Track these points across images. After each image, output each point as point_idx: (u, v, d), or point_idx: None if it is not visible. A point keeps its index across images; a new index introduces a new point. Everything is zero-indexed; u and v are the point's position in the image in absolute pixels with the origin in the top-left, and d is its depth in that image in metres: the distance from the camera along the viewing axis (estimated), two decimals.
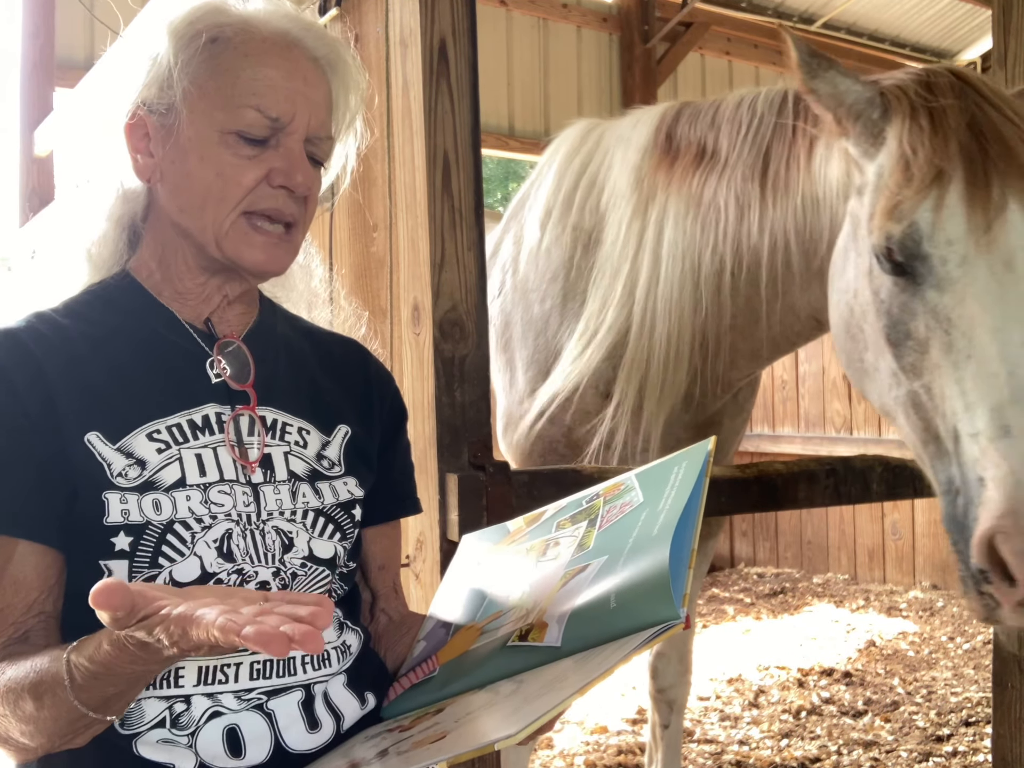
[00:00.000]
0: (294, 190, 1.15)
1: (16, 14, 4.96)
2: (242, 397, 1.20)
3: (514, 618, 1.08)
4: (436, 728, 0.97)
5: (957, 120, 1.51)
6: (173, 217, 1.17)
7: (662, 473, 1.12)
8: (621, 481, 1.18)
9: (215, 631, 0.82)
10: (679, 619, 0.92)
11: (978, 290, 1.44)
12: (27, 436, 1.06)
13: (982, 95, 1.54)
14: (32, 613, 1.07)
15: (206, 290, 1.21)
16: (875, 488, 1.84)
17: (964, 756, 3.56)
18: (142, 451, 1.11)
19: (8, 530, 1.06)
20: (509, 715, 0.90)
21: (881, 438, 6.26)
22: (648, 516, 1.05)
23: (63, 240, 1.25)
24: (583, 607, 1.00)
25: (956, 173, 1.48)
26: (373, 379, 1.36)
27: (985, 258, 1.45)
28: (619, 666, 0.90)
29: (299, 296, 1.38)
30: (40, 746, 1.01)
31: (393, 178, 1.78)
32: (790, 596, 6.23)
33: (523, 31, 7.67)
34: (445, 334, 1.64)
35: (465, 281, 1.66)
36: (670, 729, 2.85)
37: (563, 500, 1.24)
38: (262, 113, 1.12)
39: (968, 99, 1.53)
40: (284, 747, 1.10)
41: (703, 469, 1.06)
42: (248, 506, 1.15)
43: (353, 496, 1.25)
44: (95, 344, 1.14)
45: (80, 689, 0.95)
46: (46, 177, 4.88)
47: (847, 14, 8.61)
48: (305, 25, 1.19)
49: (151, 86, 1.15)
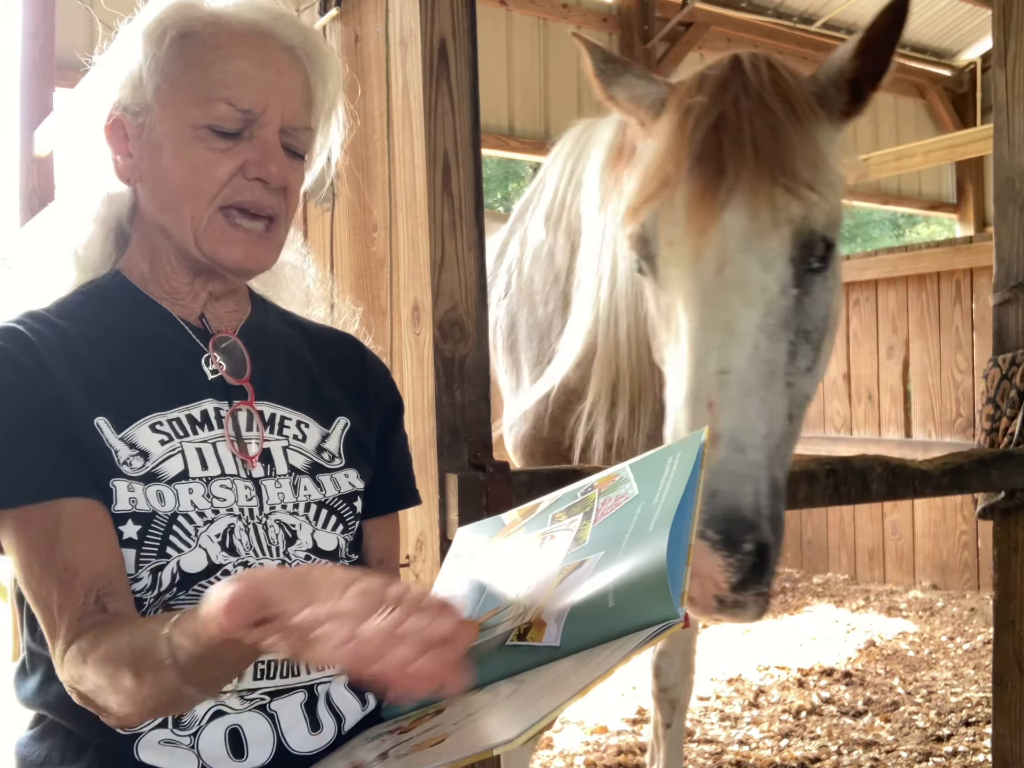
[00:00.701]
0: (269, 181, 1.14)
1: (16, 14, 4.96)
2: (239, 392, 1.20)
3: (512, 616, 1.07)
4: (436, 731, 0.96)
5: (702, 119, 1.46)
6: (155, 217, 1.17)
7: (656, 464, 1.11)
8: (615, 472, 1.17)
9: (341, 658, 0.75)
10: (678, 618, 0.91)
11: (686, 291, 1.43)
12: (44, 415, 1.06)
13: (746, 88, 1.47)
14: (100, 575, 1.03)
15: (193, 289, 1.21)
16: (875, 488, 1.84)
17: (964, 756, 3.55)
18: (145, 442, 1.11)
19: (46, 494, 1.03)
20: (508, 718, 0.90)
21: (881, 438, 6.26)
22: (644, 510, 1.04)
23: (50, 242, 1.25)
24: (581, 606, 1.00)
25: (685, 174, 1.44)
26: (369, 371, 1.36)
27: (696, 261, 1.42)
28: (619, 667, 0.89)
29: (291, 296, 1.38)
30: (141, 716, 1.00)
31: (393, 178, 1.78)
32: (790, 596, 6.22)
33: (523, 31, 7.67)
34: (445, 334, 1.64)
35: (465, 281, 1.66)
36: (672, 728, 2.84)
37: (557, 492, 1.24)
38: (233, 105, 1.11)
39: (728, 94, 1.47)
40: (286, 748, 1.10)
41: (697, 460, 1.04)
42: (250, 500, 1.15)
43: (354, 488, 1.25)
44: (92, 343, 1.14)
45: (184, 669, 0.90)
46: (46, 177, 4.88)
47: (847, 14, 8.60)
48: (276, 14, 1.18)
49: (125, 86, 1.15)
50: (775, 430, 1.38)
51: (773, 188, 1.40)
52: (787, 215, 1.41)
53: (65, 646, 1.01)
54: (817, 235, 1.44)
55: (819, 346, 1.49)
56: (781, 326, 1.41)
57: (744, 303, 1.39)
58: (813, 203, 1.42)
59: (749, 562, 1.24)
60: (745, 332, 1.38)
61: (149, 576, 1.07)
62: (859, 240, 15.62)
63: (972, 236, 6.85)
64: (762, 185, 1.40)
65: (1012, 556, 2.15)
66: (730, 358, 1.36)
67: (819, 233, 1.44)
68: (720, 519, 1.24)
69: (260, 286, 1.34)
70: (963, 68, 9.79)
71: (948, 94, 9.83)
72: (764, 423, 1.35)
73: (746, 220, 1.41)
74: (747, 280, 1.40)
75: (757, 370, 1.37)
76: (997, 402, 2.17)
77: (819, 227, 1.44)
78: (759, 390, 1.36)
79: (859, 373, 6.44)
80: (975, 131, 5.80)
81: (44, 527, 1.04)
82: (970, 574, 5.97)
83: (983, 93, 9.56)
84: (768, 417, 1.36)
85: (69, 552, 1.03)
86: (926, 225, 16.11)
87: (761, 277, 1.40)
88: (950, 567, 6.06)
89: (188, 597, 1.09)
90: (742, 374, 1.35)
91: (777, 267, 1.42)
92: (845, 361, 6.50)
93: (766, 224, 1.41)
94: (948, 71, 9.75)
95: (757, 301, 1.39)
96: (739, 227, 1.41)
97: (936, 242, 6.37)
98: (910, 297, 6.15)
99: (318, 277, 1.44)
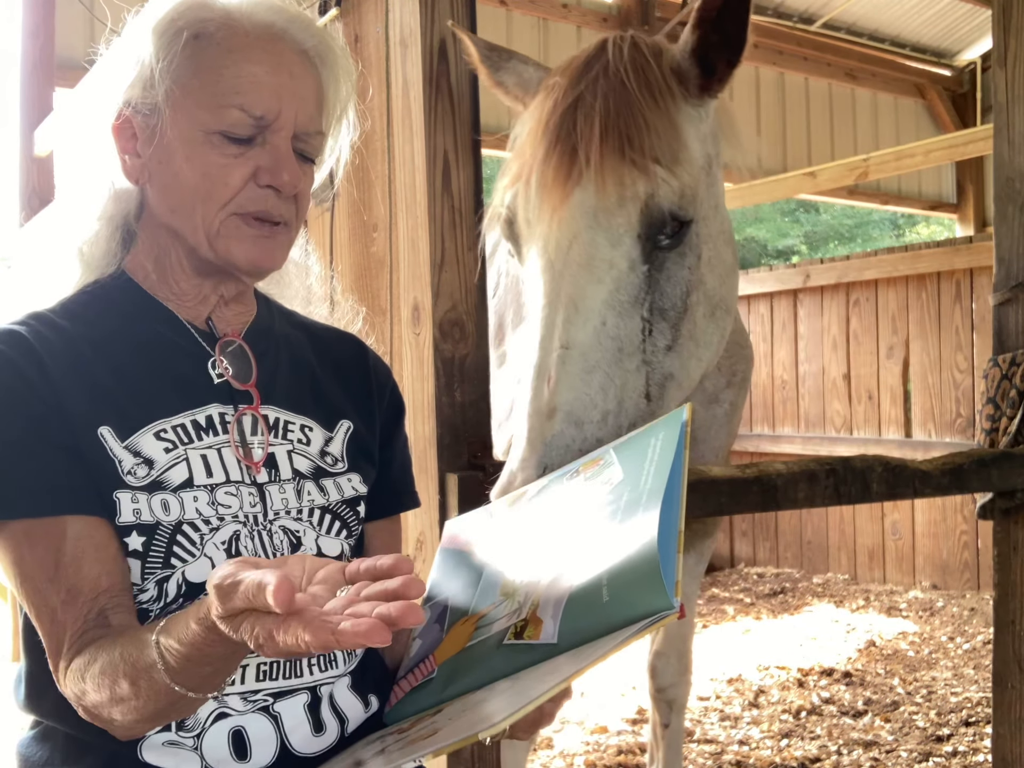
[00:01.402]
0: (281, 189, 1.13)
1: (16, 14, 4.96)
2: (245, 397, 1.19)
3: (507, 612, 1.07)
4: (432, 726, 0.97)
5: (560, 101, 1.45)
6: (164, 218, 1.16)
7: (639, 446, 1.09)
8: (599, 455, 1.16)
9: (305, 635, 0.76)
10: (673, 608, 0.90)
11: (538, 269, 1.42)
12: (46, 423, 1.05)
13: (606, 68, 1.46)
14: (102, 592, 1.03)
15: (202, 291, 1.20)
16: (875, 488, 1.84)
17: (964, 756, 3.55)
18: (150, 450, 1.09)
19: (50, 510, 1.02)
20: (498, 708, 0.90)
21: (881, 438, 6.26)
22: (630, 496, 1.02)
23: (55, 239, 1.24)
24: (576, 599, 0.99)
25: (542, 155, 1.43)
26: (372, 372, 1.35)
27: (548, 239, 1.42)
28: (613, 652, 0.89)
29: (294, 293, 1.37)
30: (144, 725, 1.00)
31: (393, 178, 1.78)
32: (790, 596, 6.22)
33: (523, 31, 7.66)
34: (445, 334, 1.64)
35: (465, 281, 1.66)
36: (671, 728, 2.85)
37: (543, 479, 1.23)
38: (246, 112, 1.10)
39: (589, 75, 1.46)
40: (290, 750, 1.10)
41: (680, 440, 1.02)
42: (254, 507, 1.14)
43: (358, 492, 1.24)
44: (96, 345, 1.13)
45: (175, 672, 0.91)
46: (46, 177, 4.88)
47: (847, 14, 8.60)
48: (290, 16, 1.17)
49: (135, 86, 1.13)
50: (627, 409, 1.36)
51: (621, 165, 1.40)
52: (634, 191, 1.40)
53: (67, 664, 1.01)
54: (666, 212, 1.42)
55: (677, 325, 1.46)
56: (631, 303, 1.40)
57: (591, 279, 1.38)
58: (661, 180, 1.41)
59: None
60: (591, 308, 1.37)
61: (155, 587, 1.06)
62: (859, 240, 15.62)
63: (972, 236, 6.85)
64: (611, 161, 1.39)
65: (1012, 556, 2.15)
66: (573, 333, 1.35)
67: (668, 210, 1.42)
68: None
69: (263, 284, 1.33)
70: (963, 68, 9.79)
71: (948, 94, 9.83)
72: (610, 400, 1.33)
73: (594, 197, 1.40)
74: (594, 256, 1.40)
75: (603, 346, 1.36)
76: (997, 402, 2.17)
77: (668, 204, 1.42)
78: (603, 366, 1.35)
79: (859, 373, 6.44)
80: (975, 131, 5.79)
81: (49, 544, 1.03)
82: (970, 574, 5.97)
83: (983, 93, 9.55)
84: (615, 394, 1.35)
85: (73, 573, 1.02)
86: (926, 225, 16.12)
87: (608, 253, 1.40)
88: (950, 567, 6.06)
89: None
90: (584, 348, 1.34)
91: (625, 243, 1.41)
92: (845, 361, 6.50)
93: (613, 200, 1.40)
94: (948, 71, 9.75)
95: (604, 277, 1.39)
96: (587, 204, 1.40)
97: (936, 242, 6.37)
98: (910, 297, 6.15)
99: (321, 275, 1.44)
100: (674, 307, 1.45)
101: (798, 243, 15.47)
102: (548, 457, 1.25)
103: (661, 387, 1.43)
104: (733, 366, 2.28)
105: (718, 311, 1.56)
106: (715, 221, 1.56)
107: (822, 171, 6.30)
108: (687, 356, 1.49)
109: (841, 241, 15.78)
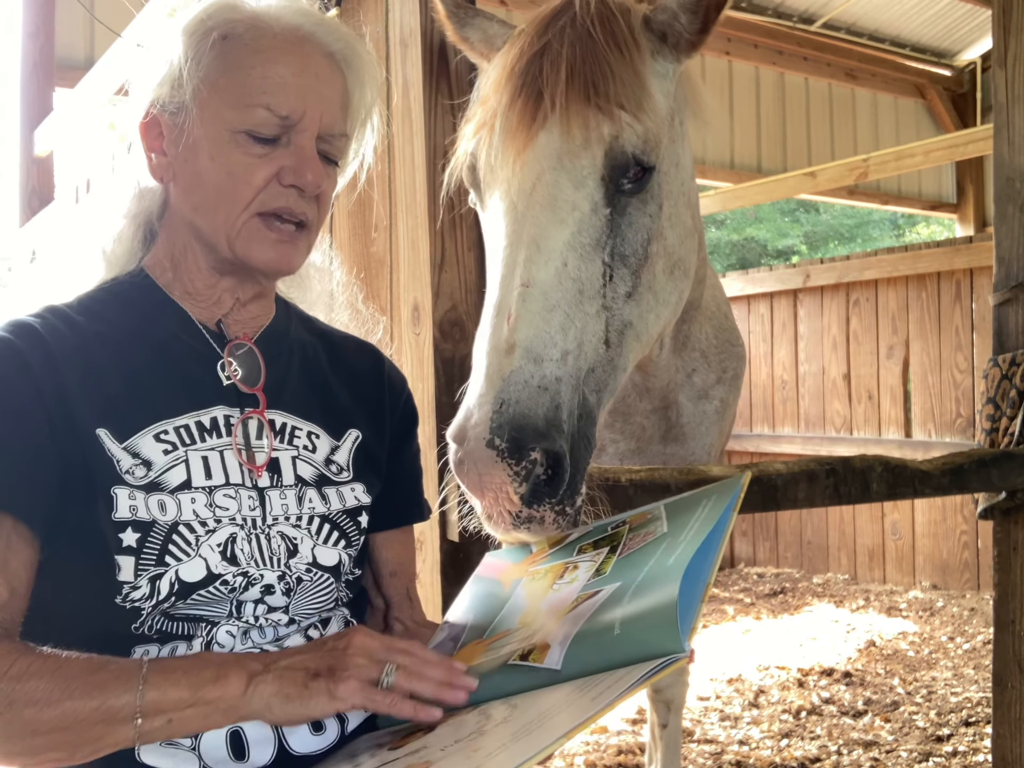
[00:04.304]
0: (304, 189, 1.15)
1: (16, 14, 4.97)
2: (252, 400, 1.20)
3: (519, 638, 1.08)
4: (424, 753, 0.96)
5: (526, 49, 1.46)
6: (187, 216, 1.17)
7: (690, 504, 1.11)
8: (649, 510, 1.18)
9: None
10: (684, 653, 0.90)
11: (501, 211, 1.43)
12: (33, 417, 1.05)
13: (573, 20, 1.47)
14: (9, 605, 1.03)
15: (216, 292, 1.21)
16: (875, 488, 1.84)
17: (964, 756, 3.55)
18: (148, 452, 1.10)
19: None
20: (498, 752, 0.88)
21: (881, 438, 6.26)
22: (667, 546, 1.04)
23: (78, 236, 1.25)
24: (586, 632, 1.00)
25: (507, 101, 1.44)
26: (386, 383, 1.35)
27: (511, 181, 1.43)
28: (615, 705, 0.88)
29: (316, 297, 1.38)
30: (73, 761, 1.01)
31: (393, 178, 1.78)
32: (790, 596, 6.22)
33: None
34: (445, 334, 1.64)
35: (465, 281, 1.66)
36: (669, 729, 2.85)
37: (590, 524, 1.24)
38: (272, 112, 1.12)
39: (556, 26, 1.48)
40: (288, 750, 1.10)
41: (732, 503, 1.05)
42: (253, 510, 1.14)
43: (360, 503, 1.25)
44: (108, 345, 1.14)
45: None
46: (46, 177, 4.89)
47: (847, 14, 8.60)
48: (318, 20, 1.19)
49: (164, 84, 1.15)
50: (586, 352, 1.36)
51: (587, 108, 1.41)
52: (599, 134, 1.42)
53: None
54: (630, 155, 1.44)
55: (638, 272, 1.48)
56: (593, 245, 1.41)
57: (553, 220, 1.39)
58: (626, 123, 1.42)
59: (539, 473, 1.20)
60: (553, 248, 1.38)
61: (148, 584, 1.07)
62: (859, 240, 15.63)
63: (972, 236, 6.85)
64: (576, 105, 1.41)
65: (1012, 556, 2.15)
66: (534, 272, 1.35)
67: (632, 153, 1.44)
68: (507, 426, 1.20)
69: (285, 287, 1.34)
70: (963, 68, 9.79)
71: (948, 94, 9.83)
72: (570, 340, 1.33)
73: (559, 139, 1.42)
74: (557, 197, 1.40)
75: (564, 286, 1.36)
76: (997, 402, 2.17)
77: (631, 147, 1.44)
78: (564, 306, 1.35)
79: (859, 373, 6.44)
80: (975, 131, 5.79)
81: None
82: (970, 574, 5.98)
83: (983, 93, 9.56)
84: (575, 335, 1.35)
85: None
86: (926, 225, 16.12)
87: (572, 194, 1.41)
88: (950, 567, 6.06)
89: (186, 606, 1.09)
90: (545, 287, 1.35)
91: (588, 185, 1.42)
92: (845, 361, 6.50)
93: (578, 142, 1.41)
94: (948, 71, 9.75)
95: (567, 218, 1.40)
96: (552, 146, 1.42)
97: (936, 242, 6.37)
98: (910, 297, 6.15)
99: (343, 280, 1.44)
100: (635, 253, 1.47)
101: (798, 243, 15.47)
102: (506, 392, 1.24)
103: (620, 334, 1.44)
104: (723, 363, 2.27)
105: (676, 270, 1.58)
106: (676, 179, 1.59)
107: (822, 171, 6.30)
108: (646, 308, 1.50)
109: (841, 241, 15.79)
